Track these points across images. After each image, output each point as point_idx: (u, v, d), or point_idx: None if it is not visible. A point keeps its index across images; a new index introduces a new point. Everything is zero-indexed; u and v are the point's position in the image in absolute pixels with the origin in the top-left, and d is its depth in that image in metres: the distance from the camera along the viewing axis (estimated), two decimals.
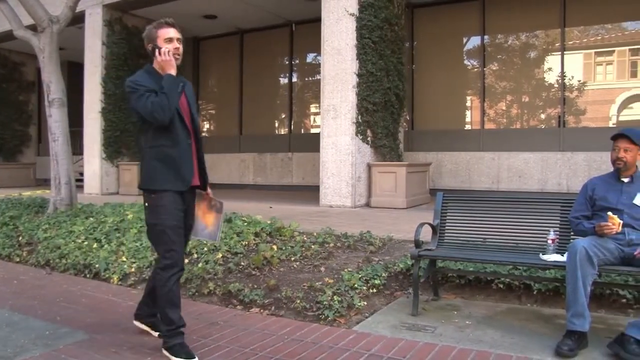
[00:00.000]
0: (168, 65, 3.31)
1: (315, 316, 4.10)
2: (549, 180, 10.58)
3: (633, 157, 3.71)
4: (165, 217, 3.28)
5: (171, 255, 3.30)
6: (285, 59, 14.58)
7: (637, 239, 3.52)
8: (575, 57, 11.41)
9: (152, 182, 3.32)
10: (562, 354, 3.25)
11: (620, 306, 4.11)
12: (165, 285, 3.30)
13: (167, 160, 3.30)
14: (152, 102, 3.16)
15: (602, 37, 11.38)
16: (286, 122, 14.75)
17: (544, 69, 11.55)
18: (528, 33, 11.68)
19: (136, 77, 3.32)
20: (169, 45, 3.35)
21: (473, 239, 4.46)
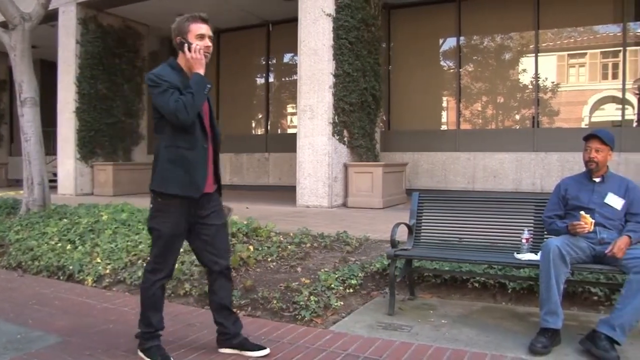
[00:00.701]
0: (198, 64, 3.09)
1: (291, 316, 4.09)
2: (523, 180, 10.71)
3: (604, 157, 3.77)
4: (166, 225, 3.13)
5: (160, 262, 3.20)
6: (262, 59, 14.55)
7: (608, 238, 3.57)
8: (549, 59, 11.58)
9: (163, 185, 3.13)
10: (535, 351, 3.29)
11: (592, 303, 4.18)
12: (149, 288, 3.22)
13: (182, 163, 3.10)
14: (177, 101, 2.97)
15: (575, 39, 11.58)
16: (263, 122, 14.72)
17: (518, 71, 11.70)
18: (503, 35, 11.83)
19: (160, 71, 3.10)
20: (200, 42, 3.13)
21: (449, 239, 4.49)
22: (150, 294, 3.23)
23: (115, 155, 13.50)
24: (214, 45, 12.85)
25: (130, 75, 13.70)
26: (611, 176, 3.85)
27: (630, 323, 3.22)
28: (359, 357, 3.29)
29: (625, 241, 3.46)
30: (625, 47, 10.53)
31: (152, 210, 3.22)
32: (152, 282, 3.21)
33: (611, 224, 3.67)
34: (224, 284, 3.37)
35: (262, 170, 13.96)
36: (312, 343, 3.55)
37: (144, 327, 3.30)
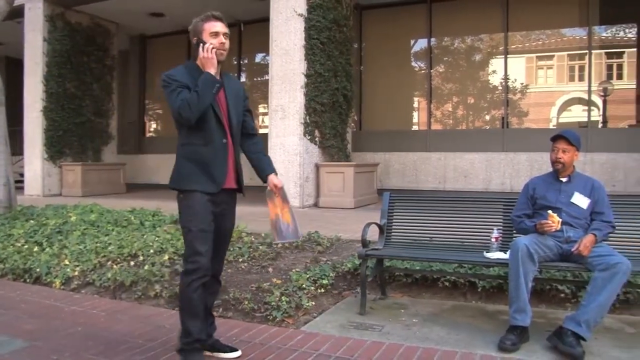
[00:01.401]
0: (208, 63, 3.09)
1: (263, 317, 4.08)
2: (493, 180, 10.85)
3: (571, 157, 3.84)
4: (191, 219, 3.07)
5: (194, 260, 3.05)
6: (234, 58, 14.45)
7: (575, 236, 3.65)
8: (518, 61, 11.77)
9: (180, 181, 3.12)
10: (505, 348, 3.34)
11: (559, 300, 4.26)
12: (185, 291, 3.06)
13: (198, 160, 3.09)
14: (182, 99, 2.98)
15: (543, 42, 11.79)
16: None
17: (488, 72, 11.86)
18: (473, 36, 11.98)
19: (172, 71, 3.14)
20: (214, 40, 3.17)
21: (419, 238, 4.53)
22: (186, 298, 3.06)
23: (84, 155, 13.29)
24: (186, 44, 12.75)
25: (99, 74, 13.49)
26: (577, 176, 3.93)
27: (595, 319, 3.29)
28: (330, 356, 3.29)
29: (590, 239, 3.54)
30: (591, 50, 10.75)
31: (179, 209, 3.18)
32: (187, 283, 3.06)
33: (577, 222, 3.74)
34: (214, 288, 3.34)
35: None
36: (283, 343, 3.54)
37: (183, 338, 3.11)
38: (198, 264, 3.04)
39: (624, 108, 11.20)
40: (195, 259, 3.05)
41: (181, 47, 14.78)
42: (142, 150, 15.27)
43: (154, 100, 16.16)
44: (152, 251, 5.38)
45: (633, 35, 11.16)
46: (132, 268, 5.06)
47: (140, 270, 4.92)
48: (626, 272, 3.32)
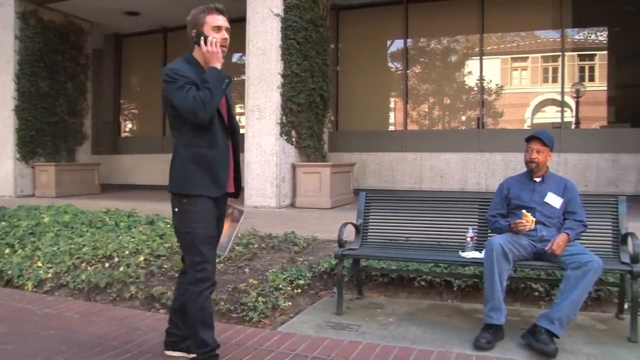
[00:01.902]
0: (214, 58, 2.91)
1: (239, 318, 4.07)
2: (468, 180, 10.95)
3: (544, 158, 3.90)
4: (197, 225, 2.93)
5: (203, 268, 2.95)
6: None
7: (548, 235, 3.70)
8: (493, 62, 11.90)
9: (186, 186, 2.94)
10: (480, 346, 3.38)
11: (533, 299, 4.31)
12: (195, 302, 2.95)
13: (203, 163, 2.94)
14: (194, 98, 2.79)
15: (517, 44, 11.95)
16: None
17: (464, 73, 11.97)
18: (449, 38, 12.08)
19: (176, 65, 2.93)
20: (216, 34, 2.98)
21: (396, 238, 4.55)
22: (197, 308, 2.95)
23: (58, 155, 13.08)
24: (162, 43, 12.58)
25: (73, 72, 13.29)
26: (551, 176, 3.99)
27: (568, 317, 3.35)
28: (307, 357, 3.29)
29: (563, 238, 3.59)
30: (564, 53, 10.91)
31: (177, 214, 3.01)
32: (198, 294, 2.95)
33: (551, 222, 3.80)
34: None
35: None
36: (260, 344, 3.53)
37: (197, 349, 3.02)
38: (207, 272, 2.96)
39: (596, 109, 11.39)
40: (204, 267, 2.95)
41: (157, 46, 14.66)
42: (117, 151, 15.10)
43: (129, 100, 16.00)
44: (127, 252, 5.33)
45: (604, 38, 11.38)
46: (107, 269, 5.00)
47: (115, 272, 4.86)
48: (597, 270, 3.38)
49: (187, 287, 2.99)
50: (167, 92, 2.90)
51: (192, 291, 2.96)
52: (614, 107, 11.24)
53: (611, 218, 4.00)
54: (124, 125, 16.24)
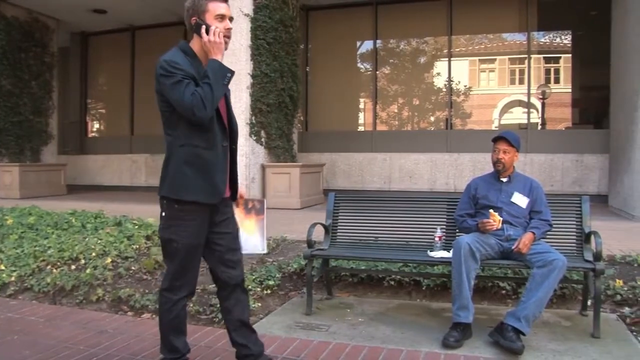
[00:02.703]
0: (216, 49, 2.66)
1: (209, 319, 4.05)
2: (437, 180, 11.06)
3: (511, 158, 3.96)
4: (185, 234, 2.72)
5: (179, 277, 2.79)
6: None
7: (515, 235, 3.76)
8: (461, 64, 12.04)
9: (180, 190, 2.69)
10: (448, 345, 3.42)
11: (500, 297, 4.38)
12: (170, 310, 2.80)
13: (200, 165, 2.70)
14: (193, 94, 2.55)
15: (485, 46, 12.11)
16: None
17: (432, 74, 12.08)
18: (418, 39, 12.18)
19: (172, 57, 2.68)
20: (219, 23, 2.71)
21: (365, 238, 4.57)
22: (171, 317, 2.81)
23: (22, 155, 12.80)
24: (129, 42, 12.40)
25: (38, 71, 13.01)
26: (517, 176, 4.05)
27: (534, 314, 3.40)
28: (277, 357, 3.28)
29: (529, 237, 3.66)
30: (530, 55, 11.10)
31: (165, 219, 2.78)
32: (174, 302, 2.80)
33: (517, 221, 3.86)
34: (241, 298, 2.99)
35: None
36: (230, 345, 3.50)
37: (168, 354, 2.88)
38: (184, 281, 2.81)
39: (561, 111, 11.62)
40: (184, 276, 2.80)
41: (124, 45, 14.44)
42: (85, 151, 14.85)
43: (96, 99, 15.74)
44: (94, 254, 5.24)
45: (568, 42, 11.61)
46: (73, 272, 4.91)
47: (82, 274, 4.79)
48: (562, 268, 3.44)
49: (163, 294, 2.84)
50: (162, 87, 2.66)
51: (167, 298, 2.82)
52: (578, 109, 11.49)
53: (575, 217, 4.09)
54: (91, 125, 15.97)
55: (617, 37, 9.30)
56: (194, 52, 2.78)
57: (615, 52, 9.40)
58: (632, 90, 8.05)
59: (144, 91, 14.31)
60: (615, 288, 4.24)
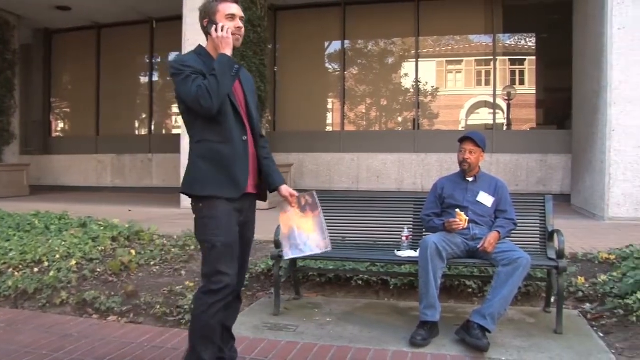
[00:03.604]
0: (224, 44, 2.68)
1: (176, 321, 4.01)
2: (405, 180, 11.14)
3: (477, 158, 4.02)
4: (215, 232, 2.66)
5: (219, 280, 2.66)
6: (146, 57, 14.06)
7: (480, 234, 3.82)
8: (429, 65, 12.16)
9: (197, 186, 2.69)
10: (415, 343, 3.45)
11: (467, 295, 4.44)
12: (204, 313, 2.67)
13: (216, 159, 2.68)
14: (199, 86, 2.57)
15: (452, 47, 12.26)
16: (146, 122, 14.24)
17: (400, 75, 12.18)
18: (386, 40, 12.26)
19: (183, 57, 2.76)
20: (230, 23, 2.75)
21: (333, 238, 4.54)
22: (203, 322, 2.68)
23: None
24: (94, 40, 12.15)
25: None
26: (482, 176, 4.11)
27: (500, 312, 3.46)
28: (245, 358, 3.27)
29: (495, 236, 3.72)
30: (496, 57, 11.28)
31: (197, 220, 2.74)
32: (209, 305, 2.66)
33: (483, 220, 3.91)
34: (234, 305, 2.96)
35: (145, 172, 13.49)
36: None
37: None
38: (223, 284, 2.67)
39: (526, 112, 11.83)
40: (220, 278, 2.66)
41: (89, 43, 14.19)
42: (49, 151, 14.55)
43: (61, 98, 15.42)
44: (58, 256, 5.13)
45: (532, 44, 11.85)
46: (36, 275, 4.80)
47: (45, 277, 4.69)
48: (526, 266, 3.51)
49: (200, 296, 2.72)
50: (175, 85, 2.70)
51: (203, 301, 2.69)
52: (542, 110, 11.73)
53: (539, 216, 4.18)
54: (56, 124, 15.66)
55: (578, 40, 9.51)
56: (208, 53, 2.82)
57: (577, 55, 9.61)
58: (592, 92, 8.24)
59: (110, 91, 14.12)
60: (577, 285, 4.34)
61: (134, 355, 3.38)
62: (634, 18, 7.46)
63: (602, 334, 3.68)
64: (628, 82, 7.45)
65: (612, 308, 3.89)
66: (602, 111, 7.73)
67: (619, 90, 7.48)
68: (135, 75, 14.48)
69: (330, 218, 4.52)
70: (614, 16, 7.50)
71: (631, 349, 3.37)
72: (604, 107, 7.67)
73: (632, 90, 7.45)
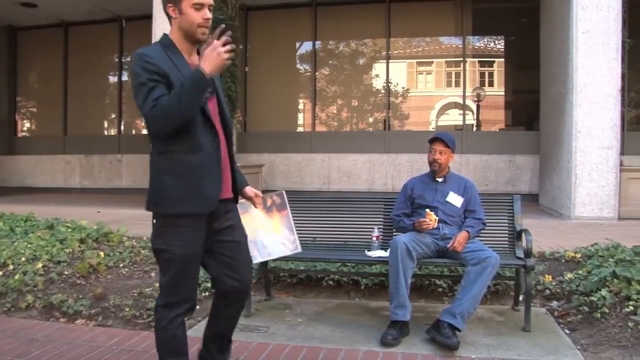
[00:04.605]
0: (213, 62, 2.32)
1: (146, 324, 3.96)
2: (376, 181, 11.20)
3: (446, 159, 4.06)
4: (178, 243, 2.44)
5: (178, 292, 2.50)
6: (115, 56, 13.86)
7: (450, 233, 3.86)
8: (400, 66, 12.26)
9: (164, 204, 2.44)
10: (386, 343, 3.47)
11: (437, 295, 4.48)
12: (167, 328, 2.50)
13: (183, 173, 2.41)
14: (154, 105, 2.27)
15: (423, 48, 12.38)
16: (116, 122, 14.04)
17: (371, 75, 12.25)
18: (357, 41, 12.32)
19: (148, 53, 2.39)
20: (197, 13, 2.43)
21: (303, 239, 4.54)
22: (169, 336, 2.52)
23: None
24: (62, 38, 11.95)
25: None
26: (452, 176, 4.15)
27: (469, 310, 3.50)
28: None
29: (464, 236, 3.76)
30: (465, 59, 11.42)
31: (155, 227, 2.52)
32: (170, 319, 2.50)
33: (452, 220, 3.96)
34: (235, 316, 2.83)
35: (114, 173, 13.31)
36: None
37: None
38: (181, 297, 2.53)
39: (495, 113, 12.00)
40: (179, 291, 2.51)
41: (56, 41, 13.92)
42: (14, 151, 14.25)
43: (27, 97, 15.12)
44: (23, 259, 5.02)
45: (501, 47, 12.04)
46: (1, 278, 4.70)
47: (10, 280, 4.58)
48: (495, 265, 3.56)
49: (159, 310, 2.55)
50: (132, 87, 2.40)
51: (163, 315, 2.52)
52: (511, 111, 11.93)
53: (507, 216, 4.24)
54: (22, 124, 15.34)
55: (545, 43, 9.68)
56: (173, 43, 2.50)
57: (544, 57, 9.78)
58: (559, 94, 8.40)
59: (78, 90, 13.88)
60: (544, 283, 4.41)
61: (102, 359, 3.33)
62: (597, 22, 7.64)
63: (568, 331, 3.75)
64: (592, 84, 7.63)
65: (577, 305, 3.97)
66: (568, 113, 7.89)
67: (584, 93, 7.65)
68: (104, 75, 14.28)
69: (301, 218, 4.53)
70: (579, 20, 7.67)
71: (595, 344, 3.45)
72: (569, 108, 7.83)
73: (596, 92, 7.62)
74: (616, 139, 7.68)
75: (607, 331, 3.54)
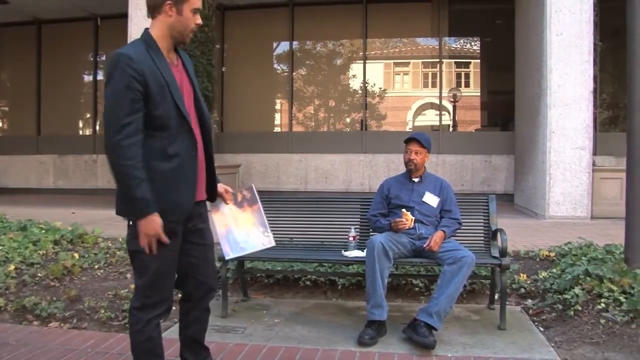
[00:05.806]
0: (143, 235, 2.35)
1: (121, 326, 3.92)
2: (353, 181, 11.23)
3: (422, 159, 4.08)
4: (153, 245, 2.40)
5: (153, 294, 2.46)
6: (90, 55, 13.68)
7: (426, 233, 3.88)
8: (376, 66, 12.33)
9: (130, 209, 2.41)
10: (363, 343, 3.48)
11: (414, 294, 4.51)
12: (142, 331, 2.47)
13: (157, 179, 2.35)
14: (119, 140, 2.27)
15: (400, 49, 12.45)
16: (91, 122, 13.86)
17: (348, 76, 12.28)
18: (334, 41, 12.35)
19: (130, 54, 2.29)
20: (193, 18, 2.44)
21: (280, 239, 4.54)
22: (144, 339, 2.48)
23: None
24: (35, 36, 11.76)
25: None
26: (428, 176, 4.18)
27: (445, 310, 3.53)
28: None
29: (440, 236, 3.79)
30: (442, 59, 11.52)
31: (131, 228, 2.45)
32: (145, 322, 2.46)
33: (428, 220, 3.98)
34: (202, 318, 2.82)
35: (89, 173, 13.14)
36: None
37: None
38: (157, 298, 2.49)
39: (471, 113, 12.13)
40: (154, 293, 2.48)
41: (29, 39, 13.69)
42: None
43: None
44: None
45: (477, 48, 12.18)
46: None
47: None
48: (471, 264, 3.59)
49: (133, 312, 2.51)
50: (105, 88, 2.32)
51: (138, 318, 2.48)
52: (487, 112, 12.06)
53: (483, 216, 4.28)
54: None
55: (520, 45, 9.80)
56: (155, 43, 2.41)
57: (519, 59, 9.91)
58: (534, 95, 8.52)
59: (51, 89, 13.67)
60: (519, 282, 4.47)
61: None
62: (570, 25, 7.76)
63: (543, 329, 3.81)
64: (566, 85, 7.75)
65: (551, 303, 4.03)
66: (543, 113, 8.00)
67: (558, 94, 7.77)
68: (79, 74, 14.08)
69: (278, 219, 4.53)
70: (553, 23, 7.79)
71: (568, 341, 3.51)
72: (544, 109, 7.94)
73: (570, 93, 7.75)
74: (589, 140, 7.81)
75: (580, 328, 3.61)
